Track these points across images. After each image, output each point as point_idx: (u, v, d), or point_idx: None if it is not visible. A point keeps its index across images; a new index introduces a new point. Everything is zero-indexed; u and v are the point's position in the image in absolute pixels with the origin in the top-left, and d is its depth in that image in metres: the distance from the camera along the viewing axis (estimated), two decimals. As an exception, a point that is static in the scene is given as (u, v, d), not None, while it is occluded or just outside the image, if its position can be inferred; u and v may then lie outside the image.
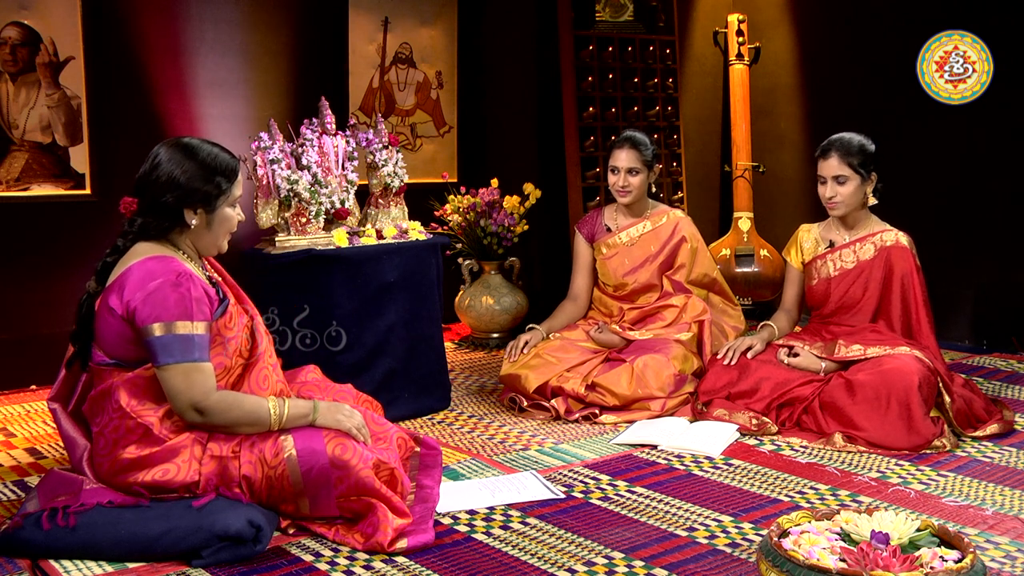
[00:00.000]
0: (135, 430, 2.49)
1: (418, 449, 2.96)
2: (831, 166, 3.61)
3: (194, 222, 2.57)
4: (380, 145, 3.88)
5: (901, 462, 3.17)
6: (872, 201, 3.66)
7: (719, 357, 3.74)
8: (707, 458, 3.23)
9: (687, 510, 2.76)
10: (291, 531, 2.59)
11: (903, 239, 3.66)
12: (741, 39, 5.95)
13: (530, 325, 4.06)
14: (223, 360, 2.58)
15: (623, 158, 4.00)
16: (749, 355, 3.68)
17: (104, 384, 2.53)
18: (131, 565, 2.40)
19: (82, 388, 2.65)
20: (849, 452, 3.27)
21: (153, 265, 2.49)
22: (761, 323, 3.86)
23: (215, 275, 2.74)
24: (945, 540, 2.13)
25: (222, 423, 2.50)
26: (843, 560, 2.01)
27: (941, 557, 2.03)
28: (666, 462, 3.20)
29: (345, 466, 2.48)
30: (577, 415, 3.68)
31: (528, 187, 5.08)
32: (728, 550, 2.48)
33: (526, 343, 3.92)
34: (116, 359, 2.53)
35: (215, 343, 2.56)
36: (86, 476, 2.56)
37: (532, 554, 2.46)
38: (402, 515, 2.54)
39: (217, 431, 2.53)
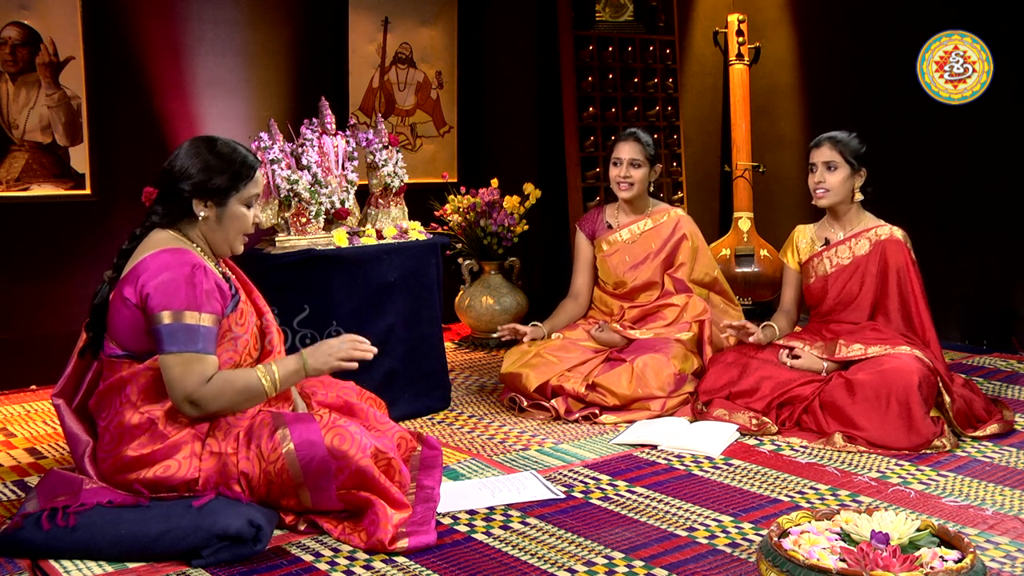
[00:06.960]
0: (141, 425, 2.50)
1: (419, 449, 2.96)
2: (822, 153, 3.65)
3: (203, 214, 2.60)
4: (380, 145, 3.88)
5: (901, 462, 3.17)
6: (859, 197, 3.67)
7: (723, 325, 3.76)
8: (707, 458, 3.23)
9: (687, 510, 2.76)
10: (302, 527, 2.59)
11: (898, 233, 3.67)
12: (741, 39, 5.94)
13: (533, 323, 4.06)
14: (233, 356, 2.61)
15: (626, 149, 4.02)
16: (751, 339, 3.68)
17: (114, 377, 2.55)
18: (131, 565, 2.40)
19: (88, 384, 2.66)
20: (849, 452, 3.27)
21: (168, 256, 2.52)
22: (763, 324, 3.86)
23: (228, 271, 2.76)
24: (945, 540, 2.12)
25: (218, 409, 2.52)
26: (843, 560, 2.01)
27: (941, 557, 2.03)
28: (666, 462, 3.20)
29: (344, 456, 2.49)
30: (577, 415, 3.68)
31: (528, 187, 5.08)
32: (728, 550, 2.48)
33: (525, 333, 3.94)
34: (128, 351, 2.55)
35: (224, 339, 2.58)
36: (87, 474, 2.57)
37: (532, 554, 2.46)
38: (401, 507, 2.55)
39: (222, 415, 2.54)
